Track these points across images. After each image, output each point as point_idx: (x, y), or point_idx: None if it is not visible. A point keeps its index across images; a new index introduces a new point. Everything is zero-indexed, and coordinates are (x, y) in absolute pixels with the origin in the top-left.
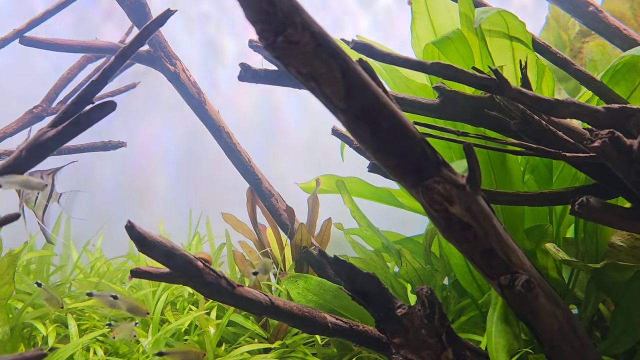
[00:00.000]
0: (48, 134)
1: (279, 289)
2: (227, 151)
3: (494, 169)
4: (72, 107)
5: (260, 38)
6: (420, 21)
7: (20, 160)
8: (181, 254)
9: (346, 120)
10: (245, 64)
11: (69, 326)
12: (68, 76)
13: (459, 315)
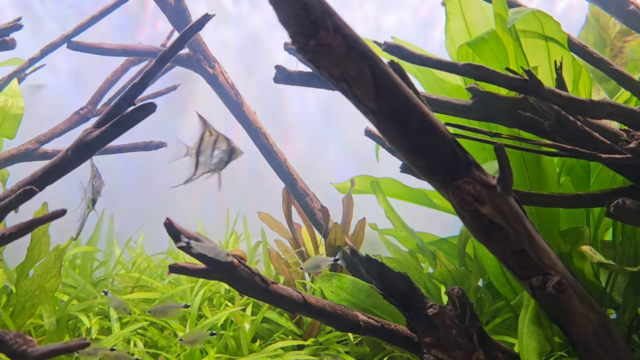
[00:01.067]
0: (92, 135)
1: (313, 288)
2: (264, 151)
3: (528, 170)
4: (115, 109)
5: (293, 41)
6: (454, 22)
7: (66, 159)
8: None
9: (377, 121)
10: (280, 66)
11: (111, 319)
12: (112, 79)
13: (493, 317)
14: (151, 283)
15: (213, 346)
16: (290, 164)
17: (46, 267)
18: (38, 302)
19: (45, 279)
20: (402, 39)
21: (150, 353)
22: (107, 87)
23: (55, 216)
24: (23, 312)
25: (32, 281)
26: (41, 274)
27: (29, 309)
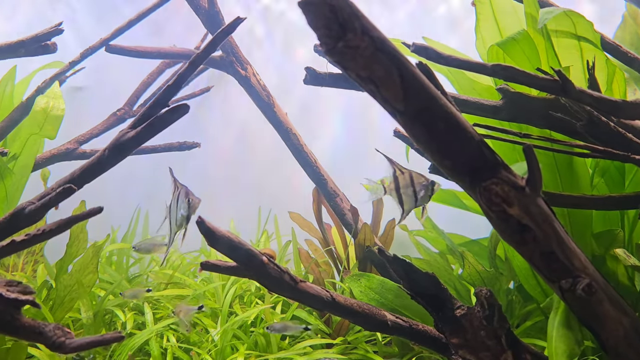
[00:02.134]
0: (128, 135)
1: (343, 287)
2: (295, 152)
3: (559, 172)
4: (149, 110)
5: (321, 43)
6: (485, 22)
7: (103, 159)
8: (247, 248)
9: (404, 122)
10: (310, 67)
11: (145, 314)
12: (148, 81)
13: (524, 320)
14: (184, 280)
15: (243, 343)
16: (320, 164)
17: (84, 263)
18: (76, 297)
19: (83, 275)
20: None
21: (182, 348)
22: (143, 89)
23: (92, 214)
24: (62, 306)
25: (70, 276)
26: (79, 270)
27: (68, 303)
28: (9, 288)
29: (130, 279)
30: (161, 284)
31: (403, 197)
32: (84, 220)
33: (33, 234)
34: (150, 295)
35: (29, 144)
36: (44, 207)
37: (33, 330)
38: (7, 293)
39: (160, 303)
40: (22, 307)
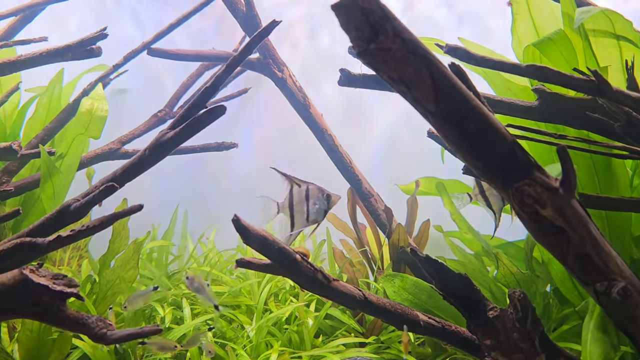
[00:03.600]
0: (167, 136)
1: (377, 287)
2: (330, 152)
3: (597, 173)
4: (188, 112)
5: (353, 45)
6: (521, 22)
7: (143, 158)
8: (280, 246)
9: (435, 123)
10: (344, 69)
11: (183, 309)
12: (188, 83)
13: (561, 324)
14: (221, 277)
15: (278, 340)
16: (355, 164)
17: (125, 259)
18: (118, 291)
19: (125, 270)
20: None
21: (218, 343)
22: (183, 91)
23: (133, 211)
24: (105, 299)
25: (113, 271)
26: (121, 265)
27: (110, 297)
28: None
29: (170, 276)
30: None
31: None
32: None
33: (78, 229)
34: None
35: (75, 144)
36: (88, 204)
37: (77, 321)
38: (53, 286)
39: (197, 299)
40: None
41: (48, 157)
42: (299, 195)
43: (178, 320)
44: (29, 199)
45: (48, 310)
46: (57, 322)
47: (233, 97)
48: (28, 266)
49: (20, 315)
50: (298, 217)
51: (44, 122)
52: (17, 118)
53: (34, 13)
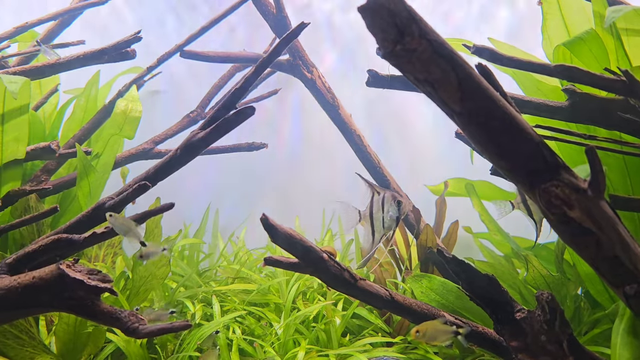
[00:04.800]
0: (198, 136)
1: (404, 287)
2: (358, 153)
3: (630, 174)
4: (218, 113)
5: (380, 46)
6: (551, 21)
7: (176, 157)
8: (307, 245)
9: (462, 123)
10: (372, 70)
11: (213, 306)
12: (219, 84)
13: (592, 327)
14: (250, 275)
15: (305, 338)
16: (383, 165)
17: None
18: (150, 288)
19: (157, 267)
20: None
21: (247, 340)
22: (215, 92)
23: (165, 209)
24: (138, 295)
25: (145, 268)
26: (153, 262)
27: (143, 293)
28: (90, 276)
29: (200, 273)
30: (228, 278)
31: (531, 207)
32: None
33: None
34: (218, 289)
35: (110, 144)
36: (122, 202)
37: (110, 315)
38: (88, 280)
39: (227, 296)
40: (101, 294)
41: (84, 157)
42: (378, 203)
43: (208, 317)
44: (67, 196)
45: (83, 304)
46: (91, 315)
47: (264, 97)
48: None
49: (56, 308)
50: (377, 225)
51: (81, 123)
52: (55, 119)
53: (72, 17)
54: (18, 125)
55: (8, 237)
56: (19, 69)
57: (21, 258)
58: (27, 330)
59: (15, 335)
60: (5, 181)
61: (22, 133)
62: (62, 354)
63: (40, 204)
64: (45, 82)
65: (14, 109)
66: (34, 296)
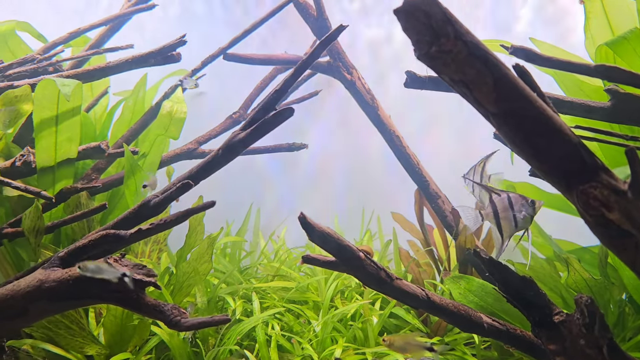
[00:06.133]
0: (238, 137)
1: (443, 288)
2: (397, 154)
3: None
4: (258, 113)
5: (415, 48)
6: (594, 21)
7: (217, 158)
8: (344, 244)
9: (497, 124)
10: (410, 71)
11: (253, 303)
12: (261, 86)
13: (637, 333)
14: (289, 273)
15: (343, 336)
16: (422, 166)
17: (200, 252)
18: (193, 283)
19: (199, 263)
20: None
21: (285, 337)
22: (257, 94)
23: (206, 207)
24: (181, 290)
25: (188, 264)
26: (196, 259)
27: (186, 289)
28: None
29: (242, 271)
30: (268, 276)
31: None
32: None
33: (156, 223)
34: (258, 286)
35: (156, 144)
36: (166, 200)
37: (154, 308)
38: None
39: (267, 294)
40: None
41: (132, 156)
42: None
43: (248, 313)
44: (115, 194)
45: (128, 297)
46: (136, 307)
47: (304, 99)
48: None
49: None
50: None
51: (129, 124)
52: (105, 120)
53: (121, 22)
54: (71, 126)
55: (61, 233)
56: (72, 73)
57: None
58: (78, 321)
59: (66, 325)
60: (59, 179)
61: (74, 133)
62: (109, 345)
63: (90, 201)
64: (96, 85)
65: (67, 111)
66: (83, 288)
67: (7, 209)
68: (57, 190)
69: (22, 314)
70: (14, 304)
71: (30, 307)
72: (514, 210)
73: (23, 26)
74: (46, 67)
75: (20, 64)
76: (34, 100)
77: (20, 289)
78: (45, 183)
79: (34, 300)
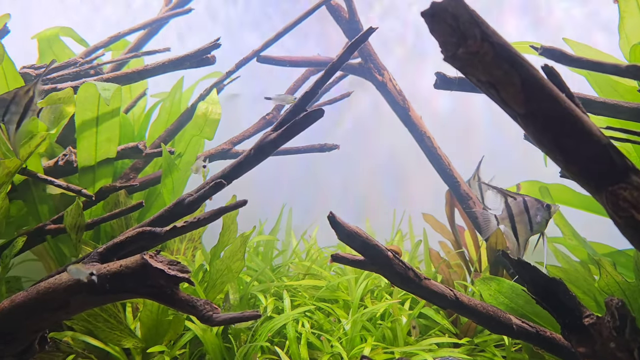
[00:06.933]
0: (270, 137)
1: (473, 289)
2: (429, 155)
3: None
4: (289, 115)
5: (442, 50)
6: (629, 19)
7: (249, 158)
8: (373, 243)
9: (525, 125)
10: (440, 72)
11: (284, 300)
12: (294, 87)
13: None
14: (320, 272)
15: (372, 335)
16: (453, 167)
17: (233, 250)
18: (226, 281)
19: (232, 261)
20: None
21: (315, 334)
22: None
23: (238, 205)
24: (214, 287)
25: (222, 262)
26: (229, 257)
27: (219, 286)
28: (170, 266)
29: (274, 269)
30: (299, 274)
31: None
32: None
33: (190, 221)
34: (289, 284)
35: (192, 144)
36: (200, 198)
37: (187, 303)
38: (168, 270)
39: (298, 292)
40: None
41: (168, 156)
42: (517, 207)
43: (279, 310)
44: (152, 193)
45: (163, 292)
46: (170, 302)
47: (336, 100)
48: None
49: (140, 295)
50: (521, 228)
51: (166, 124)
52: (143, 121)
53: (159, 26)
54: (110, 127)
55: (100, 229)
56: (111, 75)
57: (111, 248)
58: (116, 315)
59: (105, 319)
60: (99, 178)
61: (113, 134)
62: (145, 339)
63: (128, 200)
64: (135, 87)
65: (107, 112)
66: (121, 282)
67: (51, 207)
68: (97, 188)
69: (63, 307)
70: (56, 296)
71: (71, 300)
72: (530, 214)
73: (66, 31)
74: (88, 70)
75: (64, 67)
76: (76, 102)
77: (62, 282)
78: (86, 182)
79: (74, 293)
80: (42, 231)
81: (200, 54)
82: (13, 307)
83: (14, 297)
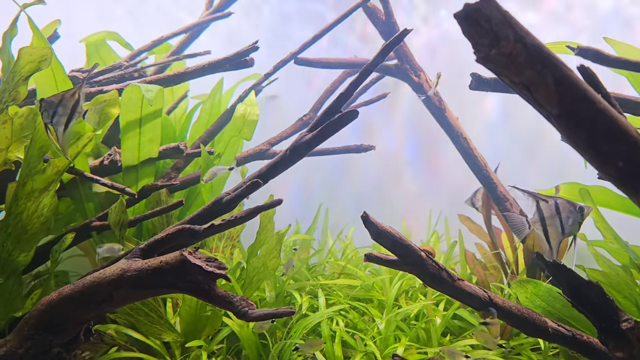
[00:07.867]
0: (305, 138)
1: (509, 292)
2: (465, 156)
3: None
4: (324, 116)
5: (475, 51)
6: None
7: (285, 158)
8: (406, 243)
9: (559, 126)
10: (476, 73)
11: (319, 299)
12: (331, 89)
13: None
14: (355, 272)
15: (406, 335)
16: (490, 168)
17: (269, 248)
18: (262, 278)
19: (269, 259)
20: None
21: (350, 333)
22: (326, 96)
23: (274, 204)
24: (251, 285)
25: (258, 259)
26: (265, 254)
27: (256, 283)
28: (208, 263)
29: (310, 268)
30: (335, 273)
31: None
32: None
33: (227, 219)
34: (325, 283)
35: (230, 145)
36: (237, 197)
37: (224, 299)
38: (206, 266)
39: (333, 290)
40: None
41: (208, 156)
42: (549, 210)
43: (314, 308)
44: (192, 192)
45: (201, 287)
46: (207, 298)
47: (372, 101)
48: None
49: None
50: (552, 232)
51: (206, 125)
52: (184, 122)
53: (200, 30)
54: (153, 128)
55: (142, 226)
56: (154, 78)
57: (152, 244)
58: (156, 310)
59: (146, 313)
60: (141, 177)
61: (155, 135)
62: (184, 333)
63: (169, 198)
64: (176, 89)
65: (150, 114)
66: (161, 278)
67: (96, 204)
68: (140, 187)
69: (107, 300)
70: (100, 290)
71: (114, 294)
72: (562, 216)
73: (112, 36)
74: (132, 73)
75: (109, 70)
76: (121, 104)
77: (106, 276)
78: (129, 180)
79: (117, 287)
80: (88, 228)
81: (239, 57)
82: (61, 299)
83: (62, 290)
